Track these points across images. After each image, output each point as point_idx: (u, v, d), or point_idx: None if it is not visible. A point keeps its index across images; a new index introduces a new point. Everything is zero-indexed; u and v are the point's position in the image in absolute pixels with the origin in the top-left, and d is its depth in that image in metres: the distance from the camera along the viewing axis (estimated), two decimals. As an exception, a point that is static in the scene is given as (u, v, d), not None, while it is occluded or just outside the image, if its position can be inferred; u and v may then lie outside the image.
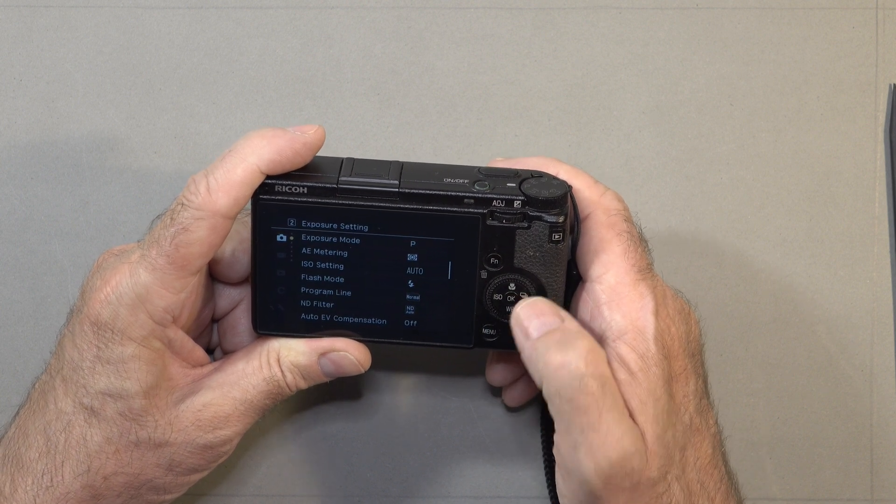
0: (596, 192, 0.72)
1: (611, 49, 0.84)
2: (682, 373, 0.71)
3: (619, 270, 0.71)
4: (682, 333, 0.71)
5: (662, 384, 0.69)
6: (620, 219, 0.72)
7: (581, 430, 0.66)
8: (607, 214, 0.72)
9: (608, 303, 0.70)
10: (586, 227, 0.72)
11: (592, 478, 0.66)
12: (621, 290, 0.70)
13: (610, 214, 0.72)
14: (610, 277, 0.71)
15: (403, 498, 0.84)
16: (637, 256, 0.71)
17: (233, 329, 0.77)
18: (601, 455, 0.66)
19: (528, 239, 0.71)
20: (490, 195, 0.70)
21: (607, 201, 0.72)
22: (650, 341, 0.69)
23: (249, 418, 0.73)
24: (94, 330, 0.69)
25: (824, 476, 0.84)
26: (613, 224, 0.71)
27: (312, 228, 0.71)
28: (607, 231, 0.71)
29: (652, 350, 0.69)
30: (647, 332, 0.69)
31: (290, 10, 0.83)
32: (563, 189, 0.70)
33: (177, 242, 0.68)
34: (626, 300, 0.70)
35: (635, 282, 0.70)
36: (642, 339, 0.69)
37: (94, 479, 0.71)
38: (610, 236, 0.71)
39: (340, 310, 0.73)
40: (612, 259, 0.71)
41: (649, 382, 0.68)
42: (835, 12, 0.84)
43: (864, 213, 0.84)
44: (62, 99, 0.83)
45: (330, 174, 0.70)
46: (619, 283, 0.70)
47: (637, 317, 0.69)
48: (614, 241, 0.71)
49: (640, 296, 0.70)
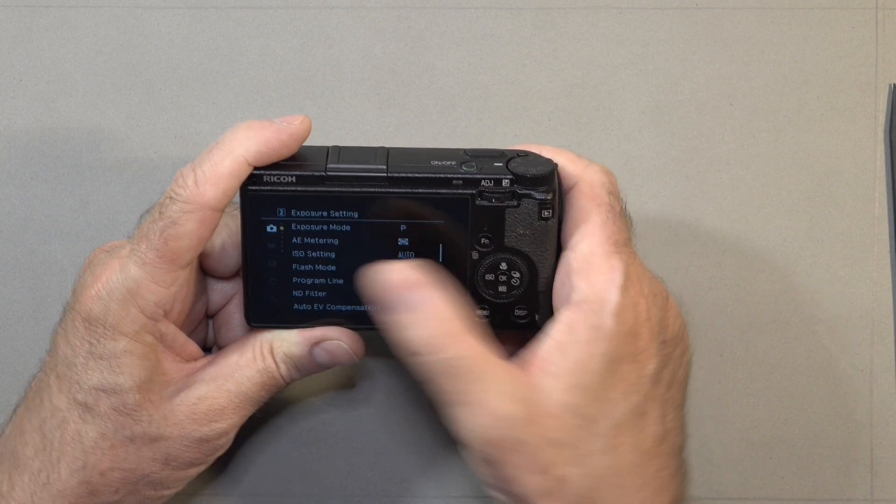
0: (579, 166, 0.72)
1: (611, 49, 0.84)
2: (642, 353, 0.70)
3: (593, 240, 0.70)
4: (655, 317, 0.71)
5: (604, 360, 0.68)
6: (603, 191, 0.71)
7: (449, 407, 0.68)
8: (590, 186, 0.71)
9: (577, 270, 0.70)
10: (569, 199, 0.72)
11: (474, 444, 0.68)
12: (592, 259, 0.70)
13: (592, 186, 0.71)
14: (584, 247, 0.70)
15: (403, 498, 0.84)
16: (614, 229, 0.70)
17: (227, 324, 0.77)
18: (474, 422, 0.67)
19: (518, 217, 0.71)
20: (478, 175, 0.70)
21: (591, 174, 0.72)
22: (607, 314, 0.68)
23: (245, 410, 0.73)
24: (86, 326, 0.69)
25: (824, 476, 0.84)
26: (595, 195, 0.71)
27: (302, 217, 0.71)
28: (588, 202, 0.71)
29: (607, 324, 0.68)
30: (607, 305, 0.69)
31: (290, 10, 0.84)
32: (550, 166, 0.70)
33: (166, 236, 0.68)
34: (596, 270, 0.69)
35: (608, 254, 0.70)
36: (600, 311, 0.69)
37: (91, 475, 0.71)
38: (590, 207, 0.71)
39: (333, 298, 0.73)
40: (589, 229, 0.70)
41: (585, 353, 0.68)
42: (835, 12, 0.84)
43: (864, 213, 0.84)
44: (62, 99, 0.83)
45: (317, 162, 0.70)
46: (592, 253, 0.70)
47: (602, 288, 0.69)
48: (593, 212, 0.71)
49: (611, 269, 0.69)
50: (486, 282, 0.72)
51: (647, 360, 0.70)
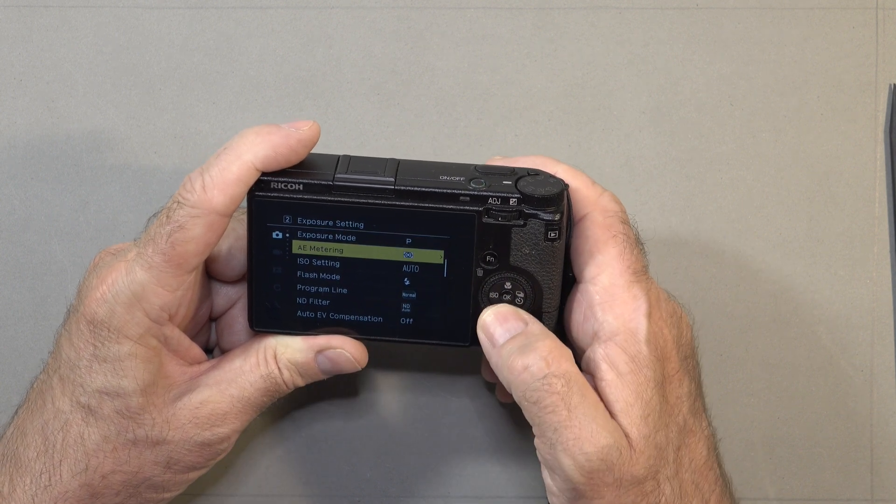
0: (594, 193, 0.72)
1: (611, 49, 0.84)
2: (676, 374, 0.71)
3: (613, 272, 0.71)
4: (675, 336, 0.71)
5: (653, 386, 0.69)
6: (617, 220, 0.72)
7: (554, 430, 0.67)
8: (604, 215, 0.72)
9: (601, 304, 0.70)
10: (583, 228, 0.72)
11: (573, 473, 0.67)
12: (615, 291, 0.70)
13: (607, 215, 0.72)
14: (604, 279, 0.71)
15: (403, 498, 0.84)
16: (632, 258, 0.71)
17: (230, 327, 0.77)
18: (577, 450, 0.66)
19: (524, 237, 0.71)
20: (486, 193, 0.70)
21: (605, 202, 0.72)
22: (642, 343, 0.69)
23: (247, 415, 0.73)
24: (91, 328, 0.69)
25: (824, 476, 0.84)
26: (610, 225, 0.71)
27: (308, 225, 0.71)
28: (603, 232, 0.71)
29: (644, 352, 0.69)
30: (639, 334, 0.69)
31: (290, 10, 0.83)
32: (559, 187, 0.70)
33: (173, 240, 0.68)
34: (620, 302, 0.70)
35: (629, 284, 0.70)
36: (634, 340, 0.69)
37: (93, 477, 0.71)
38: (606, 237, 0.71)
39: (337, 307, 0.73)
40: (606, 260, 0.71)
41: (637, 384, 0.69)
42: (835, 12, 0.84)
43: (864, 213, 0.84)
44: (62, 99, 0.83)
45: (326, 171, 0.70)
46: (613, 284, 0.70)
47: (630, 318, 0.70)
48: (610, 243, 0.71)
49: (634, 298, 0.70)
50: (490, 299, 0.72)
51: (682, 379, 0.71)
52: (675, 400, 0.70)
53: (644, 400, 0.68)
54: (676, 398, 0.71)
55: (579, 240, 0.72)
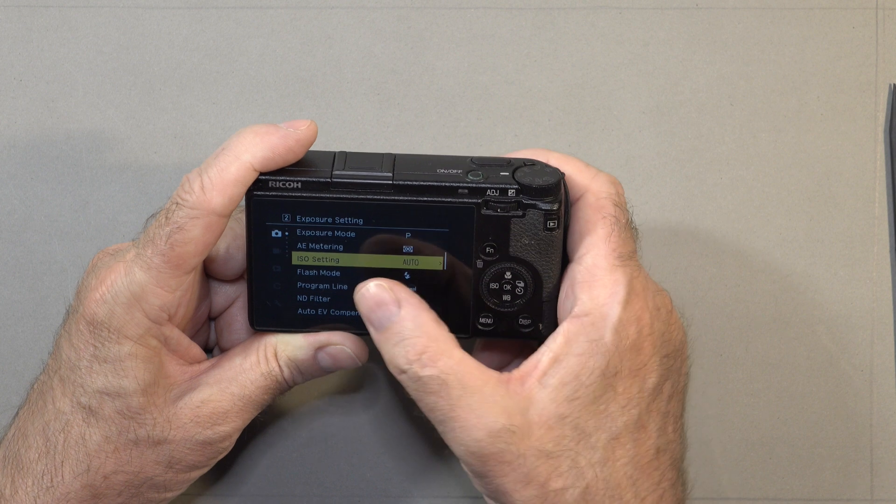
0: (587, 176, 0.72)
1: (611, 49, 0.84)
2: (643, 367, 0.70)
3: (597, 253, 0.70)
4: (658, 331, 0.71)
5: (599, 374, 0.68)
6: (609, 202, 0.71)
7: (440, 422, 0.68)
8: (596, 197, 0.71)
9: (581, 283, 0.70)
10: (575, 209, 0.72)
11: (468, 458, 0.68)
12: (596, 272, 0.70)
13: (599, 197, 0.71)
14: (588, 259, 0.70)
15: (403, 498, 0.84)
16: (619, 241, 0.71)
17: (230, 326, 0.77)
18: (466, 437, 0.67)
19: (523, 227, 0.71)
20: (484, 184, 0.70)
21: (598, 184, 0.72)
22: (607, 329, 0.69)
23: (248, 414, 0.73)
24: (91, 329, 0.69)
25: (824, 476, 0.84)
26: (601, 207, 0.71)
27: (307, 223, 0.71)
28: (594, 213, 0.71)
29: (606, 337, 0.69)
30: (608, 320, 0.69)
31: (290, 10, 0.83)
32: (556, 176, 0.70)
33: (172, 241, 0.68)
34: (599, 284, 0.70)
35: (612, 267, 0.70)
36: (601, 325, 0.69)
37: (94, 478, 0.71)
38: (595, 218, 0.71)
39: (337, 304, 0.73)
40: (593, 241, 0.71)
41: (582, 366, 0.68)
42: (835, 12, 0.84)
43: (864, 213, 0.84)
44: (62, 99, 0.83)
45: (323, 168, 0.70)
46: (596, 265, 0.70)
47: (604, 303, 0.69)
48: (599, 224, 0.71)
49: (614, 282, 0.70)
50: (490, 290, 0.72)
51: (648, 375, 0.70)
52: (633, 392, 0.70)
53: (580, 383, 0.68)
54: (637, 391, 0.70)
55: (572, 221, 0.72)
